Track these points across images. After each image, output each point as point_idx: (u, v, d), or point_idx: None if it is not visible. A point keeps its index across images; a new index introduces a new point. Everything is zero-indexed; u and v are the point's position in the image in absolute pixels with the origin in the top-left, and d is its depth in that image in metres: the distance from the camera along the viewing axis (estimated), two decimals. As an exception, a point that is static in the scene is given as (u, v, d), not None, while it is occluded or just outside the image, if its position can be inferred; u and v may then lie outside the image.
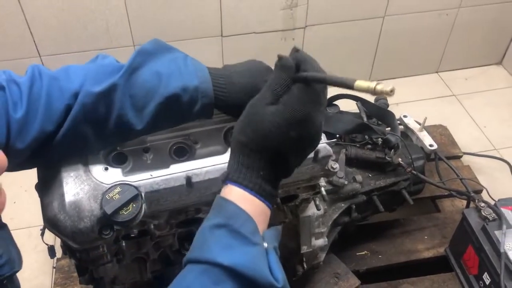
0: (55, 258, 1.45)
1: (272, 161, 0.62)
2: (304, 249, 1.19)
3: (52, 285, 1.42)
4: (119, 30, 1.79)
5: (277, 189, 0.65)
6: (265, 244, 0.57)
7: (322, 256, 1.26)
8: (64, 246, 0.91)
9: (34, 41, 1.75)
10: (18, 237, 1.59)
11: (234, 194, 0.61)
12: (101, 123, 0.77)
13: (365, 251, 1.47)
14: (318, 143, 0.68)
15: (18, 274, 0.74)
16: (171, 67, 0.79)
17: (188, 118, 0.84)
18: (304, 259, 1.22)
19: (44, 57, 1.80)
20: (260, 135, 0.61)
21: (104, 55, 0.83)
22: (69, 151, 0.81)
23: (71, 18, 1.72)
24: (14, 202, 1.73)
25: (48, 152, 0.78)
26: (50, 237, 1.03)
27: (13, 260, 0.70)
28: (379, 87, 0.54)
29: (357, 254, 1.46)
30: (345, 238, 1.43)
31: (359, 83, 0.56)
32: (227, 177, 0.63)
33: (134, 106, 0.77)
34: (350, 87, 0.57)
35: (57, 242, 1.24)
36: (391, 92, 0.52)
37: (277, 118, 0.60)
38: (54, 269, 1.42)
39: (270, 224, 0.63)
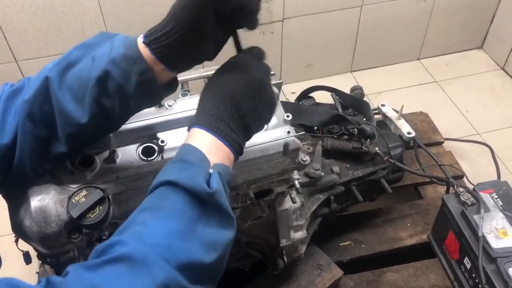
0: (38, 264, 1.44)
1: (225, 108, 0.71)
2: (283, 242, 1.19)
3: (36, 290, 1.41)
4: (95, 31, 1.73)
5: (232, 129, 0.71)
6: (211, 170, 0.66)
7: (303, 248, 1.26)
8: (36, 251, 0.90)
9: (9, 47, 1.73)
10: (2, 244, 1.59)
11: (191, 133, 0.71)
12: (53, 122, 0.75)
13: (348, 241, 1.47)
14: (271, 104, 0.77)
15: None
16: (106, 49, 0.73)
17: (133, 96, 0.72)
18: (284, 252, 1.22)
19: (21, 62, 1.78)
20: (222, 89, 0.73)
21: None
22: (34, 159, 0.79)
23: (45, 22, 1.70)
24: (-3, 209, 1.73)
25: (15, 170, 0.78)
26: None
27: None
28: None
29: (340, 244, 1.46)
30: (328, 229, 1.44)
31: None
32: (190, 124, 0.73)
33: (74, 98, 0.73)
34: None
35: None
36: None
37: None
38: (38, 275, 1.41)
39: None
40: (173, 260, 0.59)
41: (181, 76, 1.09)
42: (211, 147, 0.68)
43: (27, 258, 1.02)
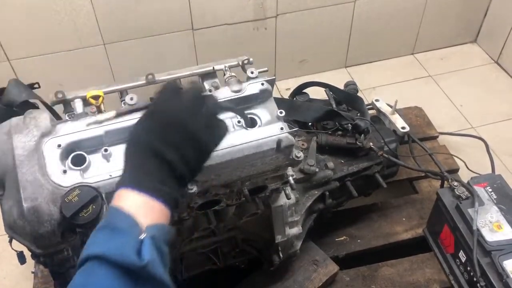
0: (33, 263, 1.44)
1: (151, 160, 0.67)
2: (279, 238, 1.19)
3: (33, 290, 1.41)
4: (88, 30, 1.76)
5: (164, 183, 0.66)
6: (142, 235, 0.61)
7: (298, 244, 1.27)
8: (30, 251, 0.90)
9: (2, 46, 1.72)
10: (-1, 243, 1.58)
11: (118, 194, 0.66)
12: None
13: (344, 237, 1.47)
14: (203, 146, 0.72)
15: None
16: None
17: None
18: (280, 249, 1.22)
19: (13, 61, 1.77)
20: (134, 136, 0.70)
21: None
22: None
23: (37, 21, 1.69)
24: (-8, 209, 1.72)
25: None
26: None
27: None
28: None
29: (336, 240, 1.46)
30: (324, 224, 1.44)
31: None
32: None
33: None
34: None
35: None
36: None
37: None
38: (33, 274, 1.41)
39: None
40: None
41: (173, 74, 1.08)
42: (141, 208, 0.63)
43: (21, 258, 1.01)
